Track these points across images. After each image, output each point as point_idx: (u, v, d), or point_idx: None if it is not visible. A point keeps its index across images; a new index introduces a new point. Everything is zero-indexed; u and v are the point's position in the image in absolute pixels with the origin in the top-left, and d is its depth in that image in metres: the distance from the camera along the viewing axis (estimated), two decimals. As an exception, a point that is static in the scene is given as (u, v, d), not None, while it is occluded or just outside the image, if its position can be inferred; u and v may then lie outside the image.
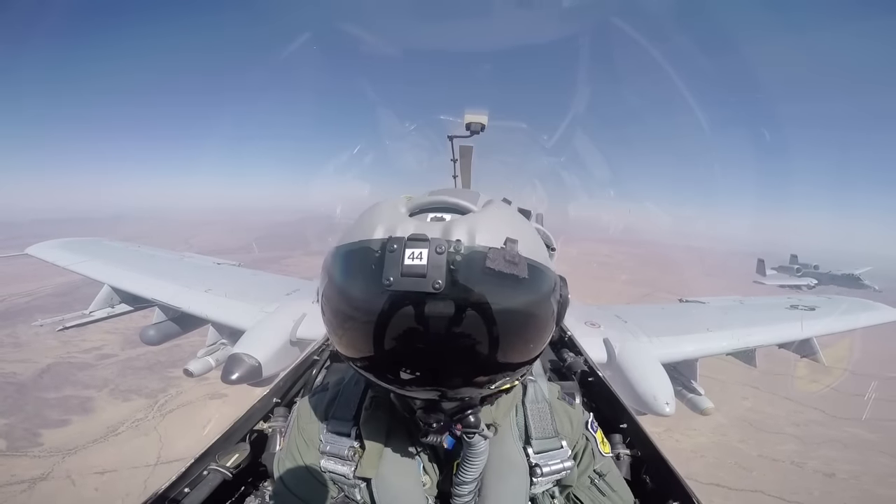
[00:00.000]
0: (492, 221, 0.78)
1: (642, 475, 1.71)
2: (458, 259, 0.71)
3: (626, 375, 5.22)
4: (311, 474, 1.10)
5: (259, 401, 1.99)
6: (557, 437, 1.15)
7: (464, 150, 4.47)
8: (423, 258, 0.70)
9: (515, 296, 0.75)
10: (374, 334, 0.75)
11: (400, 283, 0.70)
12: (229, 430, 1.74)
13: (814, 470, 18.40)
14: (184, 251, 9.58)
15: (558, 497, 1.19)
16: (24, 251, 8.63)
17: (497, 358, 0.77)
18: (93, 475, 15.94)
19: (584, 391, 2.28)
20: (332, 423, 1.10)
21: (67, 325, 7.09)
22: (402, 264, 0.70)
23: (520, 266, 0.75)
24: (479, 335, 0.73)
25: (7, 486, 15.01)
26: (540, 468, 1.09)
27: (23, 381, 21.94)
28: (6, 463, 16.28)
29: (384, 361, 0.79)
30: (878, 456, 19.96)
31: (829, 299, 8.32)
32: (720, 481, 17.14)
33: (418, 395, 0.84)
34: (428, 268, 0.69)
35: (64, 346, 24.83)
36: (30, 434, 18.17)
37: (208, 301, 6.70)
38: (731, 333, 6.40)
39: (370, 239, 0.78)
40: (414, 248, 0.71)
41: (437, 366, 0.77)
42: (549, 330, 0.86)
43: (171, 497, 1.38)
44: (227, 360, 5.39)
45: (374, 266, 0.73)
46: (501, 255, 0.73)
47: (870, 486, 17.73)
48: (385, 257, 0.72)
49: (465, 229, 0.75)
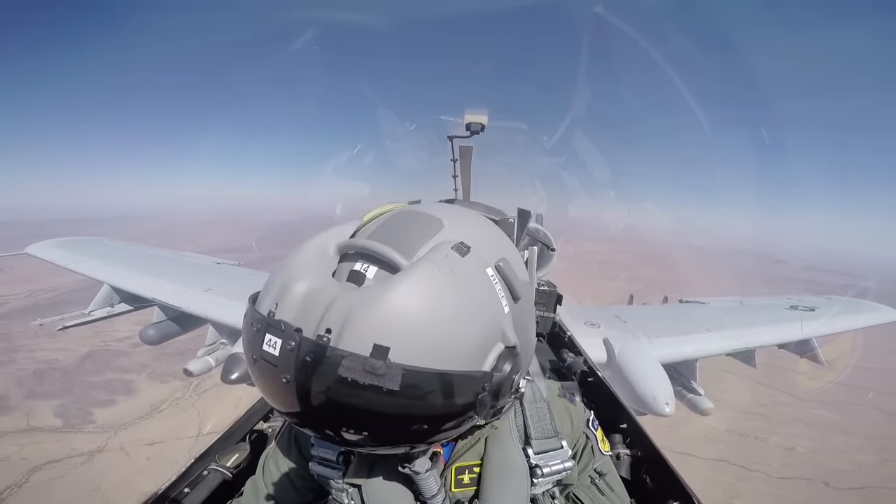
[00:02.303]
0: (384, 306, 0.66)
1: (642, 475, 1.72)
2: (309, 360, 0.65)
3: (625, 376, 5.21)
4: (299, 477, 1.11)
5: (259, 401, 1.99)
6: (557, 437, 1.14)
7: (464, 150, 4.46)
8: (277, 349, 0.68)
9: (381, 402, 0.66)
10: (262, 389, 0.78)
11: (259, 363, 0.71)
12: (229, 430, 1.75)
13: (775, 444, 20.09)
14: (187, 251, 9.60)
15: (558, 497, 1.19)
16: (24, 250, 8.62)
17: (382, 439, 0.76)
18: (143, 446, 17.95)
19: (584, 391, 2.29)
20: None
21: (67, 325, 7.07)
22: (260, 348, 0.70)
23: (387, 377, 0.64)
24: (345, 423, 0.71)
25: (69, 459, 16.89)
26: (540, 469, 1.08)
27: (66, 367, 23.85)
28: (65, 439, 18.22)
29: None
30: (837, 434, 21.63)
31: (828, 299, 8.31)
32: (690, 451, 18.51)
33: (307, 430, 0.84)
34: (279, 360, 0.68)
35: (97, 335, 26.19)
36: (83, 413, 20.16)
37: (208, 301, 6.69)
38: (731, 334, 6.39)
39: (263, 300, 0.78)
40: (271, 335, 0.69)
41: (322, 431, 0.75)
42: (450, 420, 0.75)
43: (172, 497, 1.39)
44: (227, 359, 5.39)
45: (255, 332, 0.73)
46: (361, 365, 0.63)
47: (826, 461, 19.42)
48: (253, 334, 0.73)
49: (341, 318, 0.66)
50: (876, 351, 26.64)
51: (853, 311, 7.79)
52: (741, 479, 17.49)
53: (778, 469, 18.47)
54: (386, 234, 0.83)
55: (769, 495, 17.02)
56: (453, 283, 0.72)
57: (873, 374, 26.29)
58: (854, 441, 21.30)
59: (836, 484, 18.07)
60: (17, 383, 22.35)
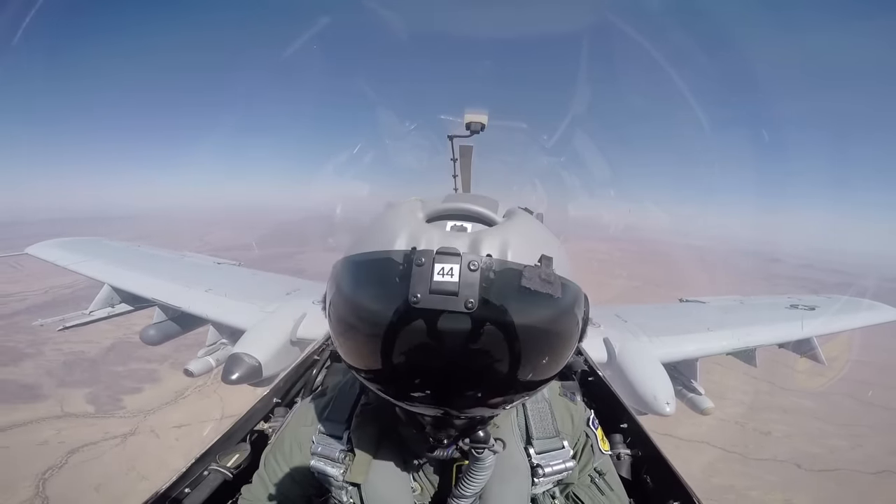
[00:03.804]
0: (523, 236, 0.74)
1: (642, 475, 1.71)
2: (492, 277, 0.67)
3: (626, 375, 5.22)
4: (298, 473, 1.11)
5: (259, 401, 1.99)
6: (558, 437, 1.14)
7: (464, 149, 4.46)
8: (455, 275, 0.64)
9: (548, 316, 0.72)
10: (394, 350, 0.70)
11: (428, 300, 0.64)
12: (230, 430, 1.74)
13: (753, 429, 21.36)
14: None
15: (559, 497, 1.19)
16: (24, 251, 8.63)
17: (521, 378, 0.75)
18: (171, 429, 19.24)
19: (585, 391, 2.28)
20: (325, 426, 1.10)
21: (67, 325, 7.09)
22: (430, 280, 0.64)
23: (555, 285, 0.71)
24: (508, 356, 0.70)
25: (104, 442, 18.11)
26: (542, 468, 1.08)
27: (93, 358, 25.08)
28: (98, 423, 19.39)
29: (398, 377, 0.75)
30: (813, 421, 22.78)
31: (828, 298, 8.32)
32: (674, 433, 19.18)
33: (427, 412, 0.82)
34: (459, 285, 0.64)
35: (119, 328, 26.74)
36: (113, 399, 21.39)
37: (208, 301, 6.70)
38: (732, 333, 6.40)
39: (391, 250, 0.72)
40: (444, 264, 0.65)
41: (458, 386, 0.73)
42: (573, 348, 0.83)
43: (172, 497, 1.39)
44: (228, 359, 5.39)
45: (398, 280, 0.68)
46: (537, 274, 0.69)
47: (800, 444, 20.73)
48: (412, 271, 0.66)
49: (497, 244, 0.70)
50: (860, 344, 27.55)
51: (853, 309, 7.80)
52: (719, 460, 18.57)
53: (754, 451, 19.58)
54: (464, 203, 0.84)
55: (745, 475, 18.11)
56: (546, 229, 0.85)
57: (853, 366, 27.16)
58: (829, 427, 22.43)
59: (807, 466, 19.21)
60: (48, 374, 23.44)
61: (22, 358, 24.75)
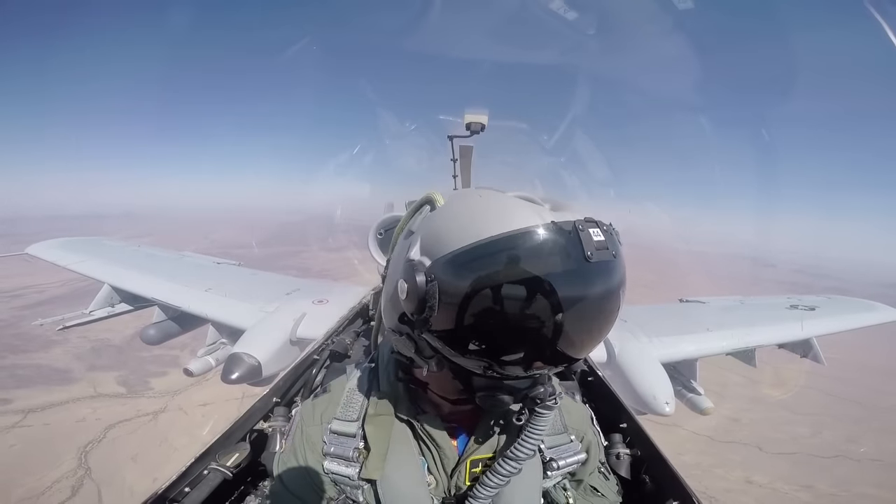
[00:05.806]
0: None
1: (642, 475, 1.72)
2: (612, 235, 0.83)
3: (625, 375, 5.23)
4: (313, 475, 1.10)
5: (259, 400, 1.99)
6: (566, 433, 1.20)
7: (464, 150, 4.47)
8: (600, 235, 0.80)
9: (623, 277, 0.87)
10: (568, 306, 0.76)
11: (596, 255, 0.78)
12: (229, 429, 1.74)
13: (723, 416, 22.54)
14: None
15: (570, 489, 1.24)
16: (24, 251, 8.63)
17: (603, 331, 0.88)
18: (198, 407, 21.21)
19: (584, 390, 2.28)
20: (336, 424, 1.10)
21: (67, 325, 7.08)
22: (592, 241, 0.79)
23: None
24: (621, 302, 0.85)
25: (137, 419, 20.08)
26: (555, 462, 1.13)
27: (118, 345, 26.36)
28: (130, 402, 21.49)
29: (555, 333, 0.78)
30: (781, 410, 24.28)
31: (829, 299, 8.32)
32: (650, 417, 20.70)
33: (528, 372, 0.86)
34: (608, 243, 0.80)
35: (138, 319, 27.80)
36: (142, 381, 23.50)
37: (208, 300, 6.69)
38: (731, 333, 6.39)
39: (548, 223, 0.79)
40: (594, 228, 0.81)
41: (599, 330, 0.85)
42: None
43: (172, 496, 1.39)
44: (227, 359, 5.37)
45: (573, 245, 0.78)
46: (618, 237, 0.86)
47: (764, 430, 22.27)
48: (581, 237, 0.79)
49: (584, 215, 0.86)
50: (837, 342, 28.32)
51: (853, 310, 7.81)
52: (688, 441, 20.34)
53: (721, 434, 21.43)
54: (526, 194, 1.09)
55: (710, 454, 20.12)
56: None
57: (830, 363, 27.91)
58: (794, 417, 24.26)
59: (768, 449, 21.04)
60: (77, 359, 25.47)
61: (50, 345, 26.48)
